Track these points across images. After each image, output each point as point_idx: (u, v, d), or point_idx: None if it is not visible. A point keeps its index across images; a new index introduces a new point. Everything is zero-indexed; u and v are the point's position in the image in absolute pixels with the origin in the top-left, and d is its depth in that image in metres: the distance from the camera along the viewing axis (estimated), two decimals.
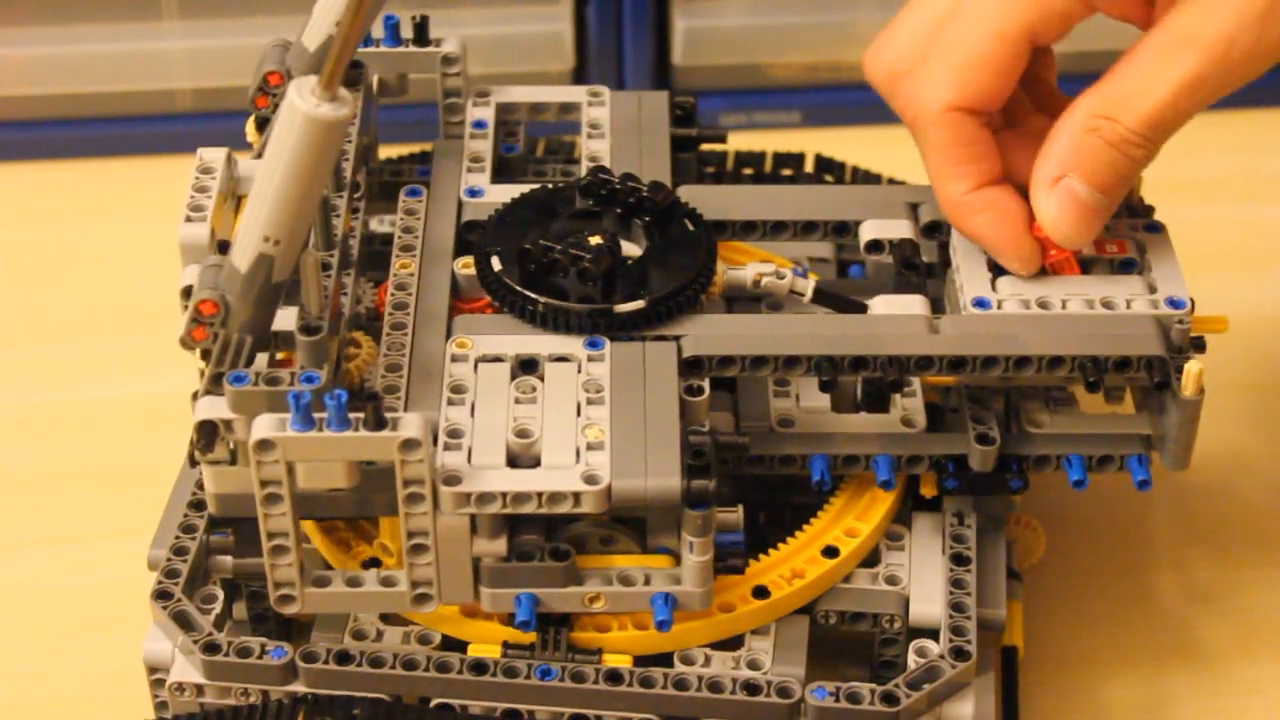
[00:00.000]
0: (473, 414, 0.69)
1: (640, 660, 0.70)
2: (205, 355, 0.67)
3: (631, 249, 0.75)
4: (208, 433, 0.66)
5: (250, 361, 0.67)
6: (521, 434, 0.68)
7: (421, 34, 0.82)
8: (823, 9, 1.10)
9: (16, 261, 1.06)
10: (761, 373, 0.71)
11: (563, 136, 0.91)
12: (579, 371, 0.71)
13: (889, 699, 0.69)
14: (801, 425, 0.74)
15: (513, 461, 0.68)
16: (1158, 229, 0.76)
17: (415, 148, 0.87)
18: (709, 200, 0.77)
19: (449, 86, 0.82)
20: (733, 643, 0.71)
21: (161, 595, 0.73)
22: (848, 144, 0.85)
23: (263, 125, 0.76)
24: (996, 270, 0.74)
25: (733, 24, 1.10)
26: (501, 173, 0.82)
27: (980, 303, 0.73)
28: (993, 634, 0.74)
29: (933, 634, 0.72)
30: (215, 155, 0.73)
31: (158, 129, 1.10)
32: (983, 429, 0.73)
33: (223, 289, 0.66)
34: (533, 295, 0.72)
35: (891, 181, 0.93)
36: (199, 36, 1.08)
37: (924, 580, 0.73)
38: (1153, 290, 0.73)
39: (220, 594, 0.74)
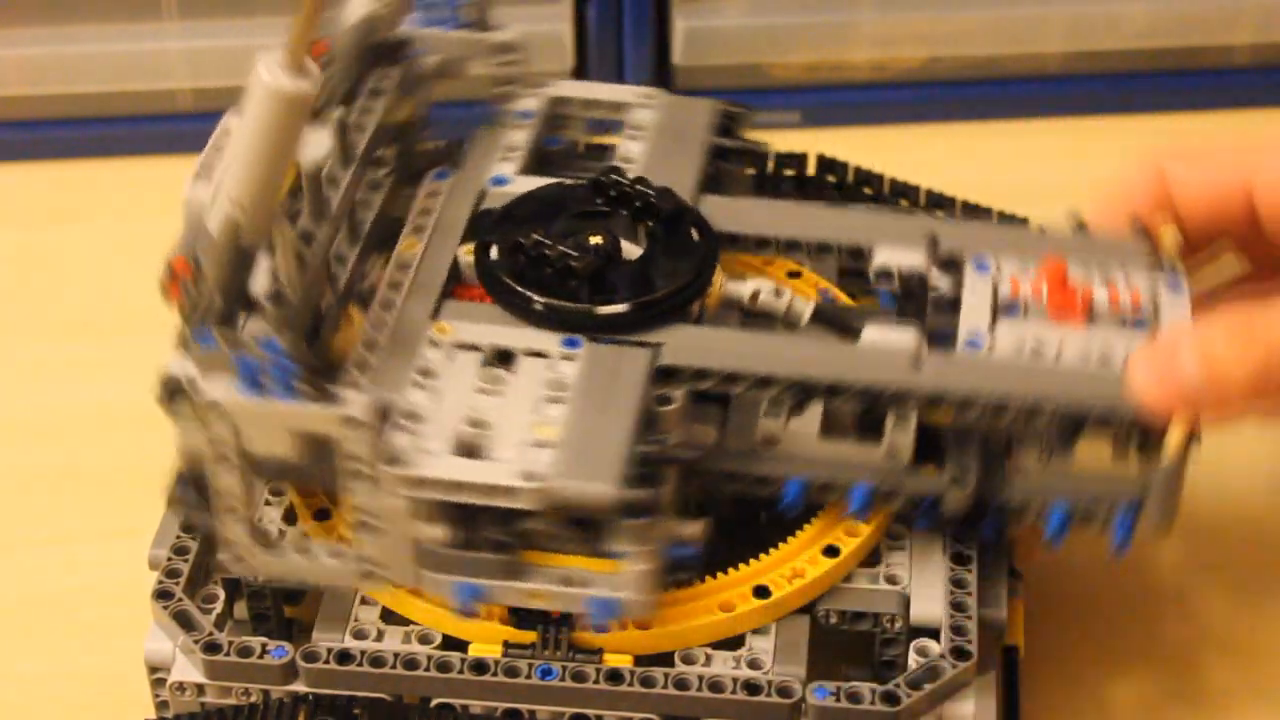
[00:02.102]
0: (434, 399, 0.69)
1: (641, 660, 0.70)
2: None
3: (634, 252, 0.74)
4: (169, 387, 0.68)
5: (226, 322, 0.68)
6: (476, 424, 0.69)
7: (480, 20, 0.82)
8: (823, 9, 1.10)
9: (16, 261, 1.06)
10: (735, 389, 0.70)
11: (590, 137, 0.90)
12: (548, 369, 0.71)
13: (890, 699, 0.69)
14: (784, 446, 0.73)
15: (461, 450, 0.68)
16: (1179, 287, 0.74)
17: None
18: (729, 212, 0.77)
19: (502, 75, 0.83)
20: (733, 642, 0.71)
21: (162, 595, 0.73)
22: (848, 144, 0.84)
23: None
24: (1006, 311, 0.73)
25: (733, 24, 1.10)
26: (546, 165, 0.82)
27: (973, 342, 0.72)
28: (994, 633, 0.73)
29: (933, 633, 0.72)
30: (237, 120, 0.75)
31: (158, 129, 1.10)
32: (958, 471, 0.72)
33: (196, 249, 0.68)
34: (519, 288, 0.72)
35: (913, 203, 0.92)
36: (199, 36, 1.08)
37: (925, 579, 0.73)
38: None
39: (221, 593, 0.74)
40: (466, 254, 0.75)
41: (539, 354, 0.71)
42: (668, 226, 0.75)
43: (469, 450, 0.68)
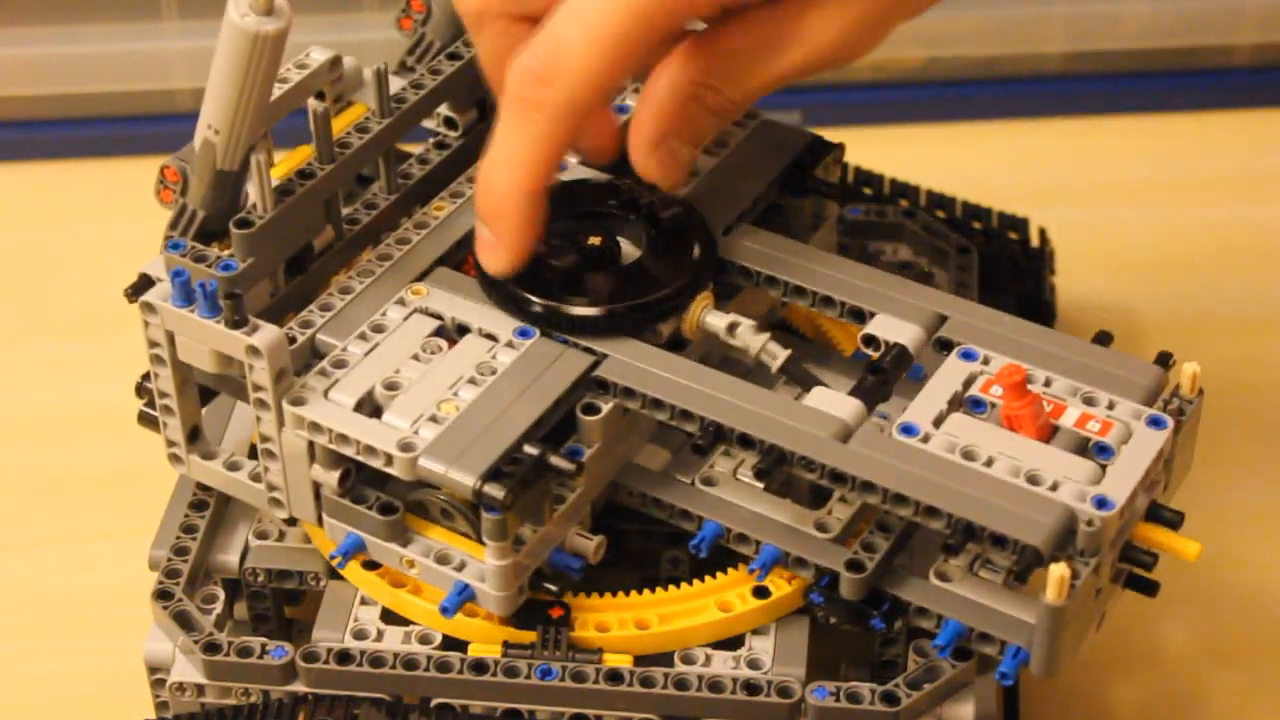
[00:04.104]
0: (369, 354, 0.70)
1: (641, 660, 0.70)
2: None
3: (632, 259, 0.74)
4: (140, 283, 0.73)
5: (205, 237, 0.72)
6: (390, 385, 0.69)
7: None
8: None
9: (16, 261, 1.06)
10: (659, 415, 0.70)
11: None
12: (487, 352, 0.71)
13: (889, 699, 0.69)
14: (718, 489, 0.72)
15: (365, 408, 0.69)
16: (1162, 425, 0.69)
17: None
18: (759, 246, 0.75)
19: None
20: (733, 642, 0.71)
21: (162, 595, 0.73)
22: (848, 144, 0.84)
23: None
24: (967, 406, 0.70)
25: None
26: (625, 163, 0.81)
27: (907, 429, 0.68)
28: None
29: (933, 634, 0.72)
30: (321, 55, 0.78)
31: (158, 129, 1.10)
32: (859, 556, 0.69)
33: (185, 162, 0.73)
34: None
35: (913, 203, 0.91)
36: (199, 36, 1.09)
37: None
38: (1095, 481, 0.67)
39: (221, 594, 0.74)
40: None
41: (490, 336, 0.72)
42: (667, 240, 0.74)
43: (373, 409, 0.69)
